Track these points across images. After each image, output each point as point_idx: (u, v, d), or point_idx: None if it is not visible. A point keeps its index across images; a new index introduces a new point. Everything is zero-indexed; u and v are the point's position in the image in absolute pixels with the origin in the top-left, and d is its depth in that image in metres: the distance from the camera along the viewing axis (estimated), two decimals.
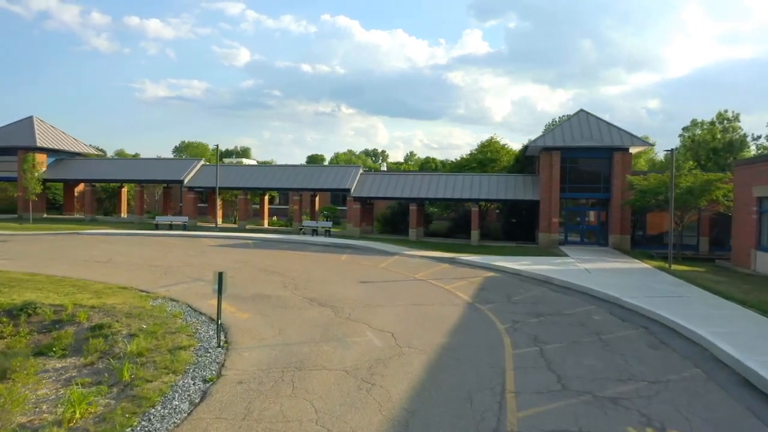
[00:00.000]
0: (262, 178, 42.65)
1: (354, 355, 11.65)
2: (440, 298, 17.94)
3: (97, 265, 22.53)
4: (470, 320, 14.99)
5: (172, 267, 22.42)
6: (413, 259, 27.36)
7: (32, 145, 43.71)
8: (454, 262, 26.59)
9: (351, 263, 25.39)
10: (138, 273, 20.91)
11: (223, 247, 30.15)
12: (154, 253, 26.25)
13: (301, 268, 23.14)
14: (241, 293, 17.73)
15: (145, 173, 44.50)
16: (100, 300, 15.98)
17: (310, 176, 42.06)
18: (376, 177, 42.56)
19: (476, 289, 19.75)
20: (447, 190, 38.75)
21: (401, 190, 39.70)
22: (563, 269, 23.92)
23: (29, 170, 39.49)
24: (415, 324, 14.34)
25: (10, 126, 46.60)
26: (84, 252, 25.89)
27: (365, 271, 23.03)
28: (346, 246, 31.98)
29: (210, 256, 26.11)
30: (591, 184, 36.78)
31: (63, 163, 46.84)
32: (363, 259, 26.73)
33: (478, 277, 22.20)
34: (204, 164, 45.38)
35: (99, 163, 47.95)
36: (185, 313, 15.31)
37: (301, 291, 18.36)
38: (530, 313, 15.93)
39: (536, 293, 19.19)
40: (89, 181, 45.06)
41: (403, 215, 42.36)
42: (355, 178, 41.07)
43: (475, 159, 47.66)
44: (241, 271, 22.05)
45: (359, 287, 19.36)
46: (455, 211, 47.87)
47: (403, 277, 21.80)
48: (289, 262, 24.82)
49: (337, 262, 25.73)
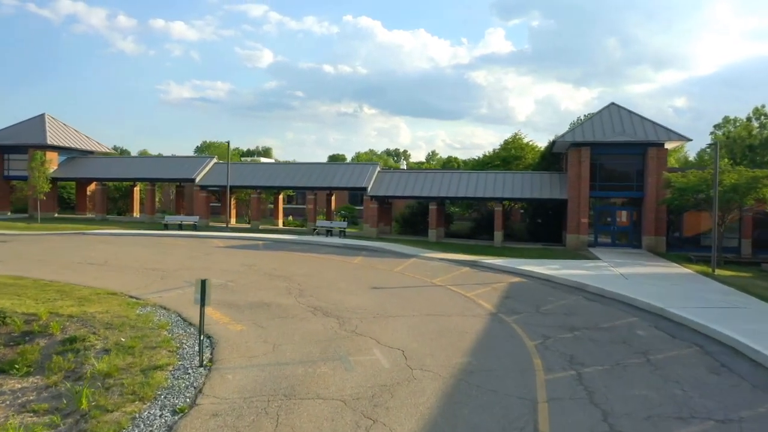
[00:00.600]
0: (275, 176, 41.09)
1: (356, 379, 9.83)
2: (460, 307, 16.04)
3: (91, 267, 21.08)
4: (494, 335, 13.07)
5: (171, 270, 20.86)
6: (432, 262, 25.46)
7: (43, 143, 42.74)
8: (476, 265, 24.63)
9: (364, 267, 23.59)
10: (132, 277, 19.38)
11: (230, 248, 28.58)
12: (154, 255, 24.77)
13: (310, 272, 21.41)
14: (239, 301, 16.04)
15: (157, 171, 43.25)
16: (81, 308, 14.42)
17: (325, 174, 40.36)
18: (394, 175, 40.71)
19: (500, 296, 17.79)
20: (469, 189, 36.74)
21: (420, 188, 37.79)
22: (596, 274, 21.81)
23: (37, 168, 38.44)
24: (430, 339, 12.47)
25: (22, 124, 45.77)
26: (82, 253, 24.51)
27: (379, 276, 21.21)
28: (361, 248, 30.18)
29: (214, 258, 24.53)
30: (623, 182, 34.46)
31: (74, 162, 45.87)
32: (378, 262, 24.92)
33: (502, 283, 20.22)
34: (216, 162, 43.97)
35: (110, 161, 46.86)
36: (173, 323, 13.68)
37: (306, 298, 16.60)
38: (563, 327, 13.94)
39: (568, 302, 17.16)
40: (100, 180, 44.00)
41: (422, 215, 40.47)
42: (372, 176, 39.27)
43: (499, 156, 45.56)
44: (244, 275, 20.39)
45: (370, 294, 17.54)
46: (477, 211, 45.82)
47: (419, 283, 19.92)
48: (298, 265, 23.12)
49: (349, 265, 23.95)
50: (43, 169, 38.75)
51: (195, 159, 44.10)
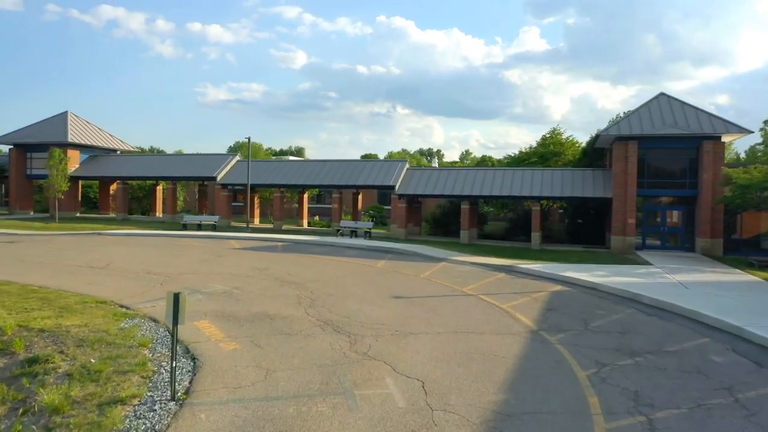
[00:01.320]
0: (299, 174, 39.24)
1: (360, 425, 7.68)
2: (494, 322, 13.72)
3: (90, 271, 19.44)
4: (536, 361, 10.73)
5: (174, 275, 19.06)
6: (463, 267, 23.13)
7: (63, 141, 41.84)
8: (513, 271, 22.20)
9: (388, 271, 21.42)
10: (130, 282, 17.62)
11: (246, 250, 26.75)
12: (163, 257, 23.08)
13: (326, 278, 19.34)
14: (240, 312, 14.06)
15: (178, 170, 41.86)
16: (57, 321, 12.62)
17: (351, 172, 38.32)
18: (423, 173, 38.42)
19: (541, 309, 15.40)
20: (504, 187, 34.21)
21: (452, 186, 35.43)
22: (651, 282, 19.17)
23: (55, 166, 37.39)
24: (457, 365, 10.23)
25: (45, 122, 45.06)
26: (87, 255, 22.97)
27: (403, 283, 19.01)
28: (387, 250, 28.01)
29: (226, 261, 22.69)
30: (674, 179, 31.46)
31: (96, 160, 44.93)
32: (403, 267, 22.71)
33: (543, 292, 17.79)
34: (239, 160, 42.37)
35: (132, 159, 45.75)
36: (158, 340, 11.77)
37: (316, 309, 14.52)
38: (620, 350, 11.52)
39: (622, 317, 14.67)
40: (120, 179, 42.90)
41: (454, 215, 38.10)
42: (400, 174, 37.06)
43: (536, 153, 42.81)
44: (253, 280, 18.44)
45: (391, 305, 15.36)
46: (513, 211, 43.20)
47: (448, 291, 17.65)
48: (315, 270, 21.09)
49: (371, 269, 21.81)
50: (61, 167, 37.70)
51: (216, 157, 42.58)
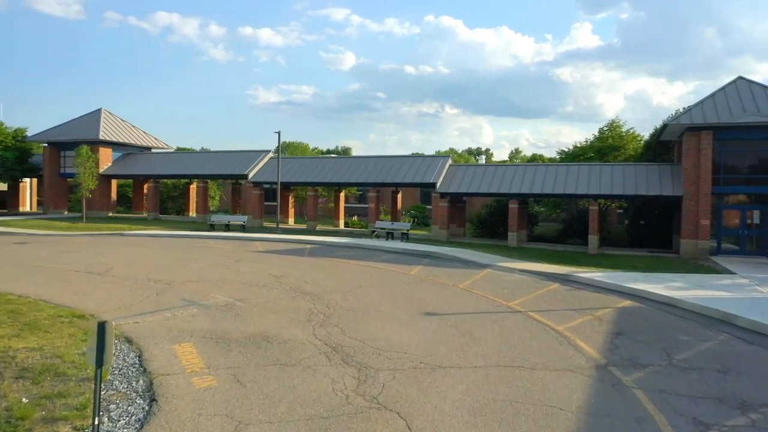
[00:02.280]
0: (333, 171, 36.83)
1: None
2: (548, 351, 10.77)
3: (85, 278, 17.42)
4: (609, 419, 7.77)
5: (177, 282, 16.81)
6: (510, 275, 20.12)
7: (95, 139, 40.81)
8: (569, 280, 19.05)
9: (422, 281, 18.63)
10: (124, 291, 15.44)
11: (268, 253, 24.43)
12: (173, 261, 20.98)
13: (349, 287, 16.71)
14: (235, 332, 11.58)
15: (209, 167, 40.13)
16: (9, 342, 10.47)
17: (389, 169, 35.64)
18: (467, 169, 35.39)
19: (607, 332, 12.32)
20: (557, 185, 30.87)
21: (499, 184, 32.30)
22: (742, 298, 15.73)
23: (82, 164, 36.16)
24: (498, 425, 7.40)
25: (79, 119, 44.29)
26: (90, 259, 21.08)
27: (438, 294, 16.18)
28: (424, 254, 25.21)
29: (242, 266, 20.37)
30: (755, 174, 27.47)
31: (129, 158, 43.79)
32: (441, 274, 19.88)
33: (607, 309, 14.66)
34: (273, 157, 40.29)
35: (164, 157, 44.38)
36: (121, 370, 9.43)
37: (327, 329, 11.90)
38: (724, 400, 8.42)
39: (715, 346, 11.45)
40: (151, 177, 41.49)
41: (501, 215, 34.94)
42: (441, 170, 34.17)
43: (593, 148, 39.09)
44: (264, 290, 15.99)
45: (419, 325, 12.58)
46: (566, 211, 39.62)
47: (491, 307, 14.73)
48: (338, 277, 18.52)
49: (403, 278, 19.06)
50: (88, 165, 36.47)
51: (249, 153, 40.64)
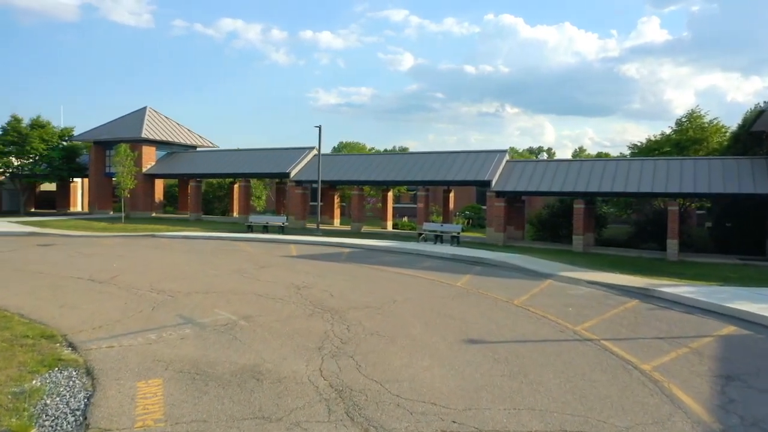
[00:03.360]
0: (380, 169, 34.27)
1: None
2: (634, 406, 7.76)
3: (84, 286, 15.49)
4: None
5: (183, 293, 14.61)
6: (576, 288, 16.95)
7: (137, 137, 39.86)
8: (650, 296, 15.73)
9: (469, 294, 15.74)
10: (118, 303, 13.34)
11: (302, 258, 22.09)
12: (190, 267, 18.91)
13: (380, 302, 14.05)
14: (222, 363, 9.18)
15: (251, 166, 38.41)
16: None
17: (439, 166, 32.78)
18: (527, 165, 32.06)
19: (712, 375, 9.16)
20: (630, 182, 27.22)
21: (562, 182, 28.91)
22: None
23: (121, 162, 35.06)
24: None
25: (124, 118, 43.67)
26: (102, 264, 19.27)
27: (487, 313, 13.29)
28: (475, 260, 22.26)
29: (265, 274, 18.04)
30: None
31: (173, 157, 42.73)
32: (493, 286, 16.94)
33: (707, 338, 11.39)
34: (317, 154, 38.11)
35: (208, 156, 43.03)
36: (56, 419, 7.18)
37: (339, 362, 9.31)
38: None
39: None
40: (193, 176, 40.16)
41: (564, 217, 31.49)
42: (497, 167, 31.03)
43: (669, 141, 34.89)
44: (279, 305, 13.56)
45: (459, 358, 9.78)
46: (639, 212, 35.61)
47: (553, 332, 11.73)
48: (370, 289, 15.89)
49: (447, 290, 16.23)
50: (127, 163, 35.34)
51: (292, 151, 38.65)
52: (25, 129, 40.71)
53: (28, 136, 40.15)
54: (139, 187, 40.48)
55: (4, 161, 40.74)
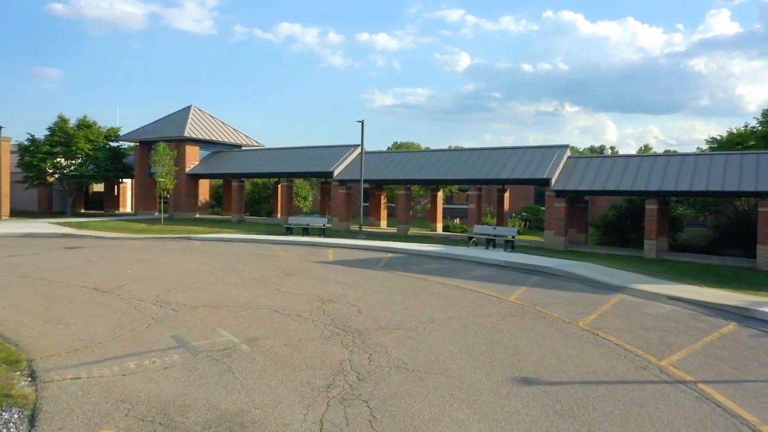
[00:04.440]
0: (428, 167, 31.91)
1: None
2: None
3: (83, 296, 13.90)
4: None
5: (188, 307, 12.77)
6: (655, 305, 14.16)
7: (180, 136, 38.96)
8: (750, 317, 12.80)
9: (523, 313, 13.24)
10: (112, 319, 11.61)
11: (336, 264, 20.04)
12: (209, 275, 17.12)
13: (414, 323, 11.77)
14: (201, 406, 7.24)
15: (293, 165, 36.76)
16: None
17: (493, 163, 30.11)
18: (590, 162, 28.98)
19: None
20: (712, 179, 23.88)
21: (632, 180, 25.79)
22: None
23: (160, 162, 34.03)
24: None
25: (168, 117, 43.03)
26: (116, 270, 17.72)
27: (545, 340, 10.80)
28: (532, 269, 19.62)
29: (288, 284, 16.03)
30: None
31: (216, 157, 41.68)
32: (552, 302, 14.37)
33: None
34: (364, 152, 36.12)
35: (251, 155, 41.66)
36: None
37: (348, 410, 7.16)
38: None
39: None
40: (235, 176, 38.92)
41: (634, 219, 28.36)
42: (557, 164, 28.15)
43: (755, 134, 30.99)
44: (294, 324, 11.51)
45: (507, 408, 7.41)
46: (718, 213, 31.84)
47: (632, 370, 9.14)
48: (406, 304, 13.63)
49: (497, 307, 13.77)
50: (166, 162, 34.30)
51: (336, 149, 36.76)
52: (71, 129, 40.56)
53: (74, 136, 39.95)
54: (183, 188, 39.64)
55: (53, 162, 40.70)
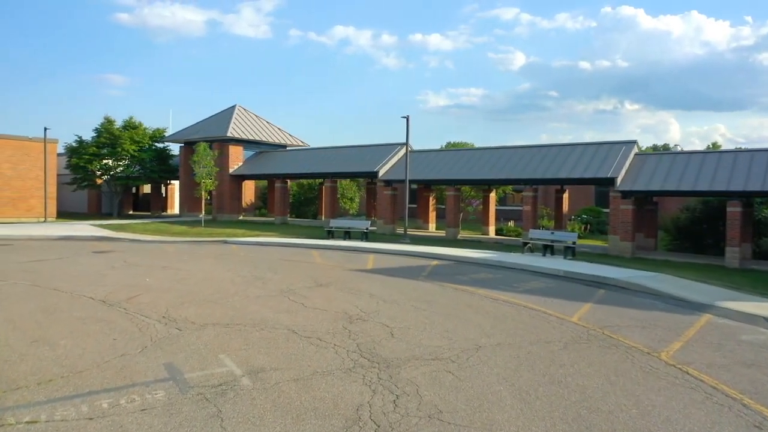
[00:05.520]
0: (480, 166, 29.67)
1: None
2: None
3: (85, 310, 12.54)
4: None
5: (197, 325, 11.21)
6: (755, 330, 11.66)
7: (223, 136, 38.09)
8: None
9: (589, 338, 11.02)
10: (106, 339, 10.16)
11: (374, 273, 18.21)
12: (231, 285, 15.55)
13: (456, 350, 9.78)
14: None
15: (338, 165, 35.19)
16: None
17: (551, 161, 27.62)
18: (662, 159, 26.08)
19: None
20: None
21: (710, 179, 22.89)
22: None
23: (199, 162, 33.08)
24: None
25: (213, 117, 42.38)
26: (132, 279, 16.31)
27: (618, 380, 8.61)
28: (597, 281, 17.23)
29: (316, 296, 14.27)
30: None
31: (260, 157, 40.63)
32: (624, 323, 12.07)
33: None
34: (410, 151, 34.13)
35: (295, 155, 40.31)
36: None
37: None
38: None
39: None
40: (277, 176, 37.69)
41: (710, 222, 25.36)
42: (623, 161, 25.44)
43: None
44: (314, 348, 9.74)
45: None
46: None
47: (742, 430, 6.87)
48: (447, 325, 11.64)
49: (558, 331, 11.58)
50: (206, 162, 33.33)
51: (381, 148, 34.94)
52: (117, 130, 40.44)
53: (120, 137, 39.76)
54: (226, 189, 38.81)
55: (101, 164, 40.66)
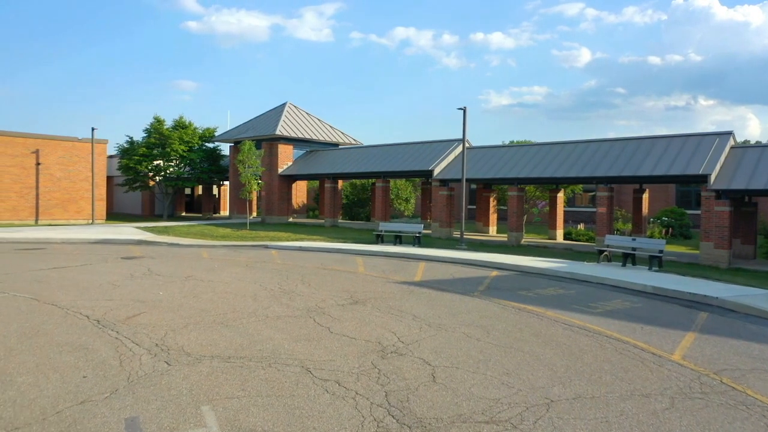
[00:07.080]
0: (545, 163, 26.55)
1: None
2: None
3: (76, 332, 10.69)
4: None
5: (192, 357, 9.12)
6: None
7: (272, 135, 36.46)
8: None
9: (702, 392, 8.18)
10: (75, 375, 8.19)
11: (423, 288, 15.70)
12: (252, 302, 13.40)
13: (519, 407, 7.21)
14: None
15: (388, 164, 32.79)
16: None
17: (629, 157, 24.25)
18: (765, 152, 22.31)
19: None
20: None
21: None
22: None
23: (244, 162, 31.44)
24: None
25: (263, 115, 40.97)
26: (145, 291, 14.43)
27: None
28: (695, 300, 14.12)
29: (348, 318, 11.89)
30: None
31: (311, 156, 38.82)
32: (745, 364, 9.16)
33: None
34: (468, 148, 31.38)
35: (345, 153, 38.07)
36: None
37: None
38: None
39: None
40: (326, 176, 35.72)
41: None
42: (717, 156, 21.88)
43: None
44: (329, 398, 7.44)
45: None
46: None
47: None
48: (507, 365, 9.09)
49: (656, 378, 8.79)
50: (252, 162, 31.67)
51: (437, 144, 32.29)
52: (166, 130, 39.68)
53: (169, 137, 38.94)
54: (275, 189, 37.24)
55: (151, 164, 40.02)
